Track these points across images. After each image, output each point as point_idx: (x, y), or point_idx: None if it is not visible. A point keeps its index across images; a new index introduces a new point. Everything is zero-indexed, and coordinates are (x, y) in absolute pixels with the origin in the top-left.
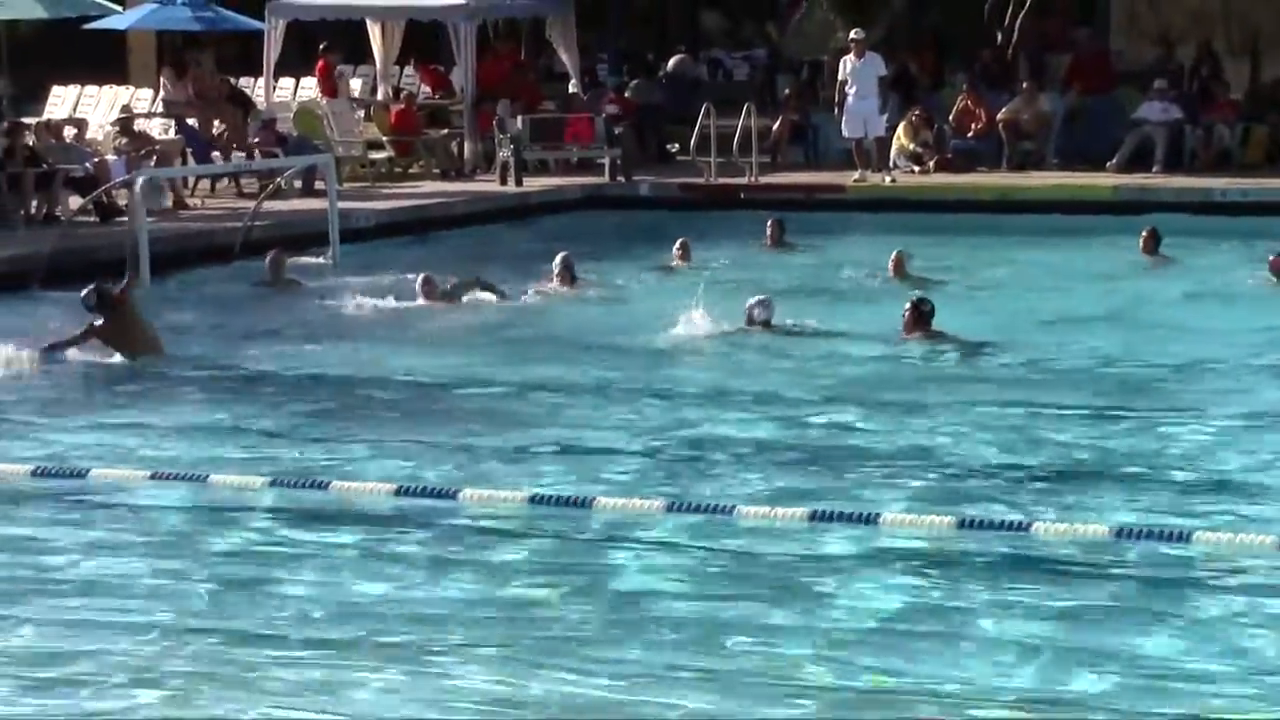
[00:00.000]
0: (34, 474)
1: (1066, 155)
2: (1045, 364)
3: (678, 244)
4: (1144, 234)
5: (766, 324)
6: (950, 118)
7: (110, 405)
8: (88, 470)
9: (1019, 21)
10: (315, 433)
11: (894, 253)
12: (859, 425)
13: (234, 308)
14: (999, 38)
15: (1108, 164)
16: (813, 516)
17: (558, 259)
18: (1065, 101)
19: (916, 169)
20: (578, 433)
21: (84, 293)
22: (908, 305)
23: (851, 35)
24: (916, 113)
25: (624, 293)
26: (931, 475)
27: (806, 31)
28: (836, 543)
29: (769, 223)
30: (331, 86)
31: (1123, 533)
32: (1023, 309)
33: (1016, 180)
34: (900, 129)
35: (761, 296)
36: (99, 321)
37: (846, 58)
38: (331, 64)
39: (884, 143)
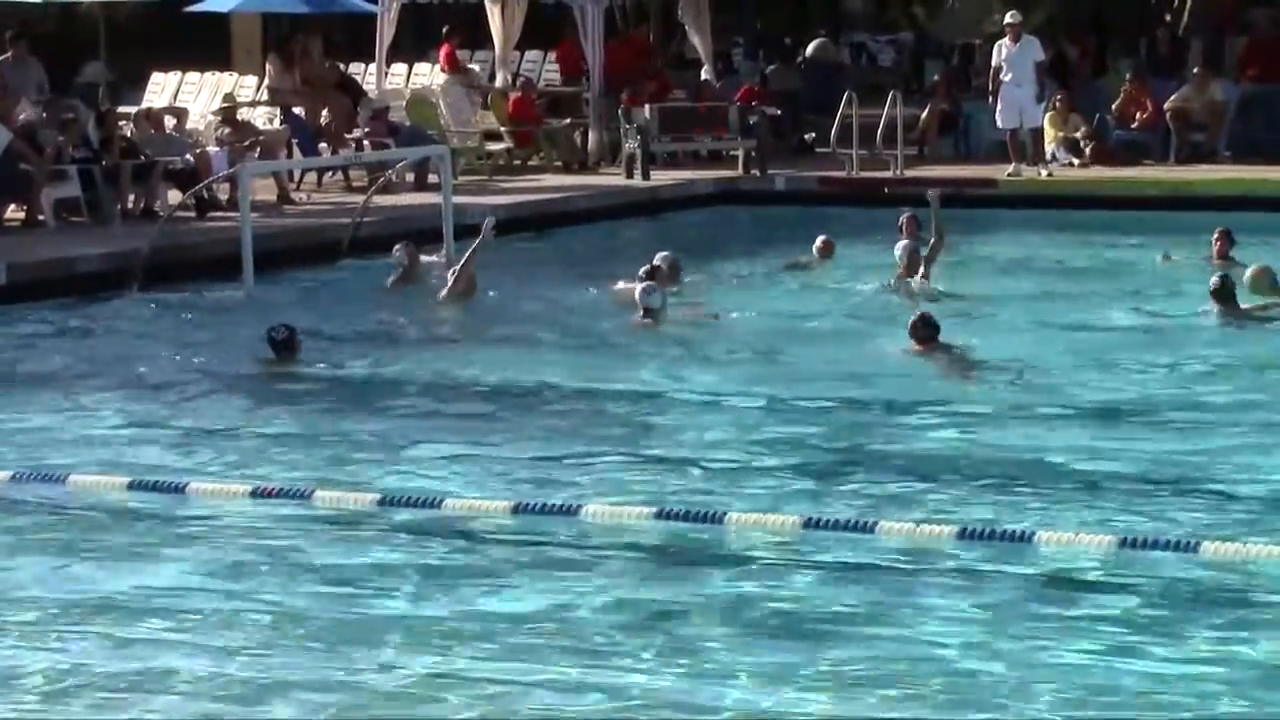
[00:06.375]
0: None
1: (1240, 147)
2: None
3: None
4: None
5: (652, 312)
6: (1113, 107)
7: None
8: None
9: (1190, 2)
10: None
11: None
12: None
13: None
14: (1168, 19)
15: None
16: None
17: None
18: (1240, 89)
19: (1076, 162)
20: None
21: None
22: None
23: (1007, 19)
24: (1059, 98)
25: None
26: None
27: (957, 14)
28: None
29: (903, 218)
30: (458, 70)
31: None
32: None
33: (1184, 174)
34: (1047, 119)
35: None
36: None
37: (1001, 42)
38: (456, 48)
39: (1041, 134)
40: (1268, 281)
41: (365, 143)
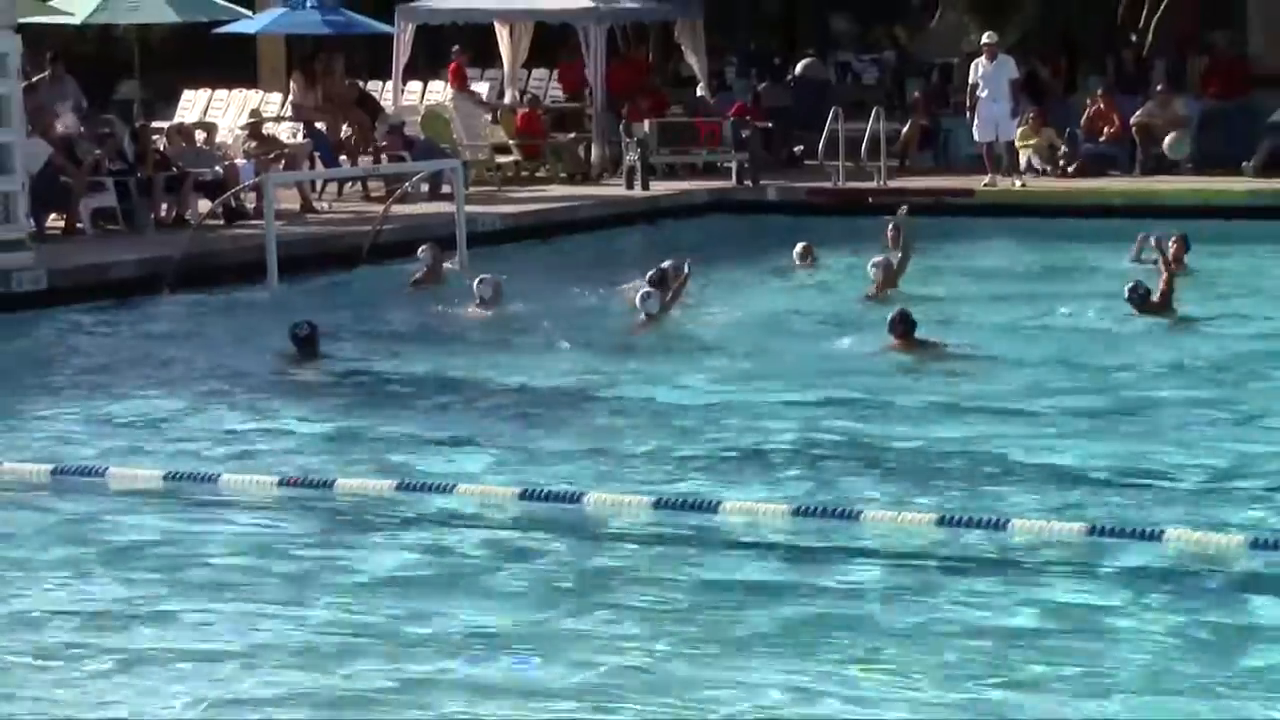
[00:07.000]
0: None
1: (1201, 159)
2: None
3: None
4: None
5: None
6: (1082, 121)
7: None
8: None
9: (1154, 24)
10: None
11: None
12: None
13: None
14: (1134, 40)
15: (1243, 164)
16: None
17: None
18: (1200, 105)
19: (1048, 169)
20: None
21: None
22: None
23: (984, 39)
24: (1032, 114)
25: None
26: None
27: (936, 34)
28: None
29: (889, 228)
30: (465, 86)
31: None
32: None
33: (1148, 185)
34: (1019, 133)
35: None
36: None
37: (978, 60)
38: (464, 65)
39: (1015, 147)
40: (1180, 143)
41: (383, 155)
